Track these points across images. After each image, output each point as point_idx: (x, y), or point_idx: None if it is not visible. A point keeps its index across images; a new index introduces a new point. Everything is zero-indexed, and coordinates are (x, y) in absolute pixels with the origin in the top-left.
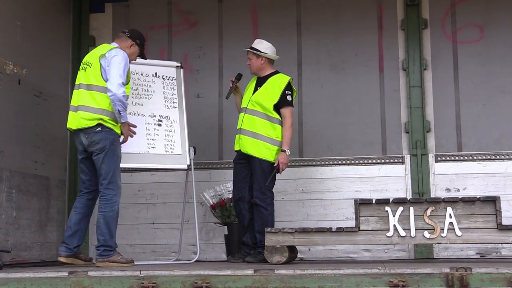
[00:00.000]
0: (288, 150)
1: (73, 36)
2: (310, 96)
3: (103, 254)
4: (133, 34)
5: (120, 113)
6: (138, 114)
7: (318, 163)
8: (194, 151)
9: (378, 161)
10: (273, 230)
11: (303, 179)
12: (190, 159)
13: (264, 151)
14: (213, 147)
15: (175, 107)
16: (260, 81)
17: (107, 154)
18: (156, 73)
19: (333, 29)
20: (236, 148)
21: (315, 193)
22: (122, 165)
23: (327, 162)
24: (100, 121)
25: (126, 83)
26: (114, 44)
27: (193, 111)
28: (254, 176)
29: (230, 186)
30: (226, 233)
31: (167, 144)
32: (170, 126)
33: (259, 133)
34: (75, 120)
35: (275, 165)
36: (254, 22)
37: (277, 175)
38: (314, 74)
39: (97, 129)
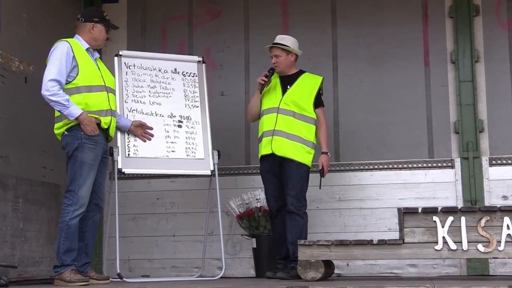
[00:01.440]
0: (329, 153)
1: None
2: (346, 93)
3: (54, 271)
4: (87, 15)
5: (62, 113)
6: (156, 115)
7: (357, 167)
8: (219, 155)
9: (425, 165)
10: (307, 243)
11: (340, 186)
12: (214, 164)
13: (304, 154)
14: (239, 150)
15: (197, 107)
16: (287, 80)
17: (70, 160)
18: (175, 69)
19: (372, 18)
20: (266, 151)
21: (354, 201)
22: (139, 171)
23: (366, 167)
24: (67, 126)
25: (74, 74)
26: (66, 39)
27: (217, 110)
28: (289, 182)
29: (258, 194)
30: (255, 246)
31: (188, 148)
32: (192, 127)
33: (296, 135)
34: None
35: (319, 168)
36: (283, 11)
37: (316, 181)
38: (351, 69)
39: (65, 133)
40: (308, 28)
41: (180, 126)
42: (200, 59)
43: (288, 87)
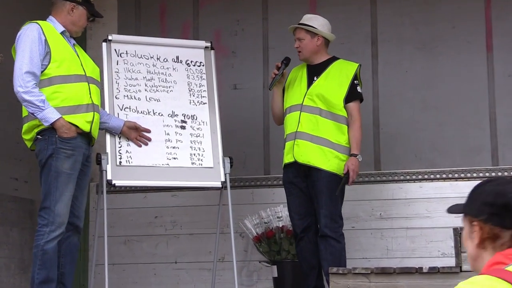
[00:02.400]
0: (360, 155)
1: None
2: (389, 85)
3: None
4: None
5: (35, 116)
6: (153, 114)
7: (402, 178)
8: (231, 162)
9: (487, 174)
10: (340, 271)
11: (380, 200)
12: (225, 174)
13: (333, 162)
14: (256, 157)
15: (204, 103)
16: (315, 70)
17: (43, 170)
18: (177, 57)
19: None
20: (288, 159)
21: (398, 219)
22: (132, 182)
23: (414, 177)
24: (37, 128)
25: (46, 63)
26: (35, 21)
27: (229, 108)
28: (320, 197)
29: (280, 210)
30: (276, 275)
31: (194, 154)
32: (198, 129)
33: (324, 137)
34: None
35: (344, 172)
36: None
37: (350, 194)
38: (395, 56)
39: (37, 137)
40: (341, 5)
41: (183, 128)
42: (208, 44)
43: (315, 78)
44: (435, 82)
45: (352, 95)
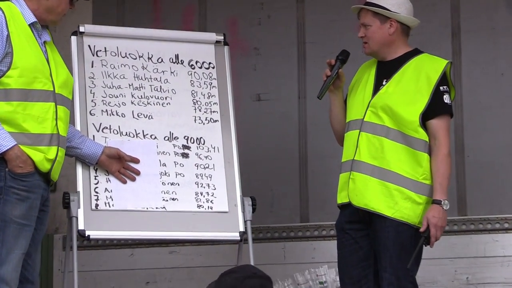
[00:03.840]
0: (447, 202)
1: None
2: (477, 94)
3: None
4: None
5: None
6: (144, 136)
7: (497, 225)
8: (254, 205)
9: None
10: None
11: (467, 259)
12: (245, 222)
13: (404, 206)
14: (290, 197)
15: (215, 121)
16: (386, 69)
17: None
18: (177, 56)
19: None
20: (342, 199)
21: (492, 286)
22: (114, 234)
23: None
24: None
25: (3, 68)
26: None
27: (251, 127)
28: (383, 255)
29: (324, 272)
30: None
31: (201, 193)
32: (206, 157)
33: (392, 170)
34: None
35: (421, 230)
36: None
37: (424, 250)
38: (485, 52)
39: None
40: None
41: (186, 156)
42: (221, 38)
43: (384, 82)
44: None
45: (436, 108)
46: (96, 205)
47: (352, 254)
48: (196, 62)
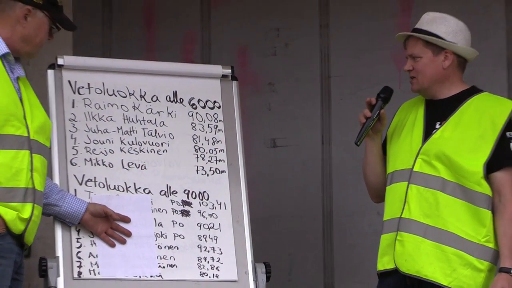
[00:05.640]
0: None
1: None
2: None
3: None
4: None
5: None
6: (135, 190)
7: None
8: (268, 272)
9: None
10: None
11: None
12: None
13: (462, 273)
14: (311, 262)
15: (222, 172)
16: (439, 110)
17: None
18: (175, 94)
19: None
20: (384, 265)
21: None
22: None
23: None
24: None
25: None
26: None
27: (265, 178)
28: None
29: None
30: None
31: (205, 258)
32: (211, 215)
33: (449, 231)
34: None
35: None
36: None
37: None
38: None
39: None
40: (455, 2)
41: (186, 214)
42: (228, 71)
43: (438, 125)
44: None
45: (503, 157)
46: (79, 273)
47: None
48: (199, 101)
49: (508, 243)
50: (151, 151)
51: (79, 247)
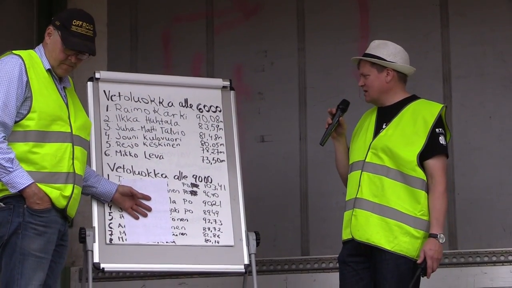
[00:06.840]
0: (442, 235)
1: (38, 15)
2: (467, 135)
3: None
4: (58, 15)
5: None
6: (155, 175)
7: (486, 259)
8: (258, 239)
9: None
10: None
11: None
12: (249, 255)
13: (403, 240)
14: (292, 232)
15: (222, 161)
16: (386, 114)
17: (5, 250)
18: (186, 101)
19: None
20: (346, 235)
21: None
22: (127, 266)
23: (502, 258)
24: (1, 193)
25: (24, 111)
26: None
27: (255, 166)
28: (383, 285)
29: None
30: None
31: (208, 228)
32: (214, 195)
33: (391, 207)
34: None
35: (419, 261)
36: (361, 2)
37: (421, 281)
38: (475, 96)
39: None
40: (402, 30)
41: (194, 193)
42: (227, 83)
43: (384, 125)
44: None
45: (433, 148)
46: (110, 240)
47: (353, 285)
48: (204, 106)
49: (436, 214)
50: (167, 145)
51: (110, 219)
